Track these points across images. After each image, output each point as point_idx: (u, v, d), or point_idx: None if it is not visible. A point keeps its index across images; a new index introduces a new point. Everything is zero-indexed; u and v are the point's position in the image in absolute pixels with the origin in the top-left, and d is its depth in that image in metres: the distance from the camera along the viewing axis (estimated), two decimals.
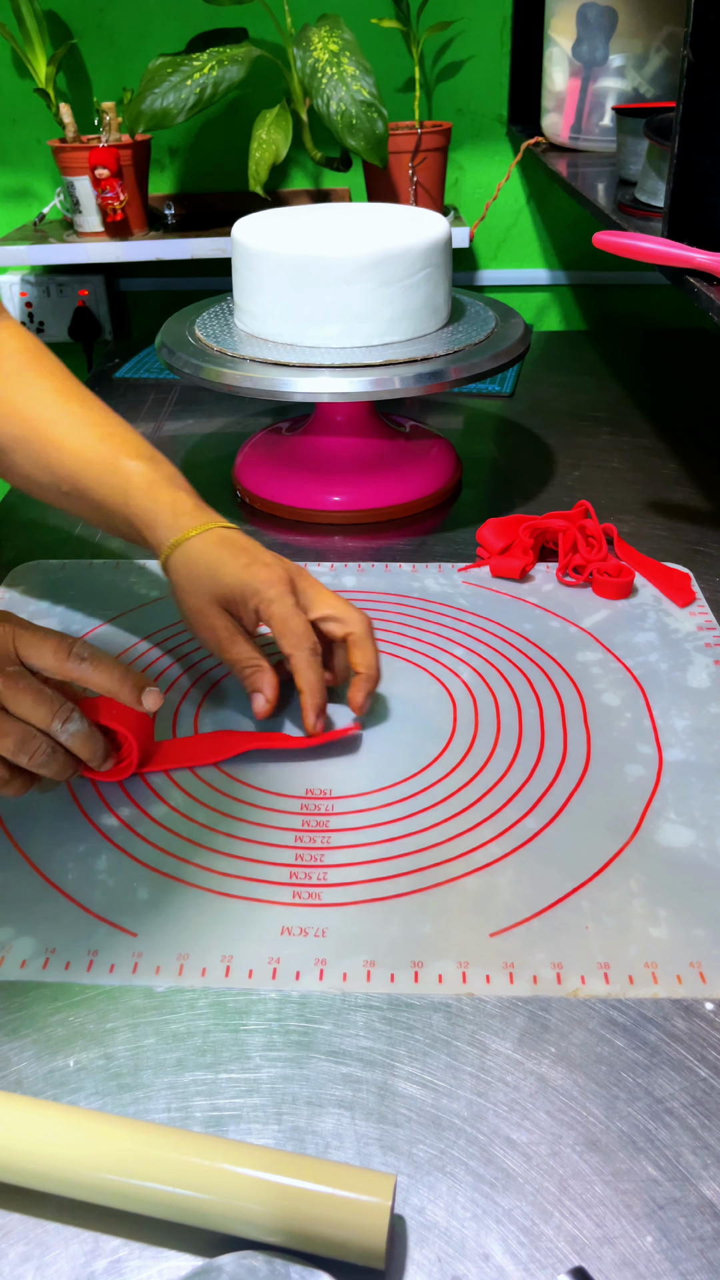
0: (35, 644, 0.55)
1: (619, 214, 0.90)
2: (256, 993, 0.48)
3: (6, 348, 0.71)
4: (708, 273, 0.68)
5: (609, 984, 0.48)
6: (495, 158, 1.36)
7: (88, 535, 0.88)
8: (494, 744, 0.63)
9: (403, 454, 0.91)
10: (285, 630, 0.61)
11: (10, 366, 0.71)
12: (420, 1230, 0.39)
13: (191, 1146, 0.39)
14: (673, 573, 0.78)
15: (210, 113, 1.22)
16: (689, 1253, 0.38)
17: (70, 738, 0.55)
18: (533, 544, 0.81)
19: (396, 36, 1.27)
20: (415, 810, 0.58)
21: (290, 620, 0.61)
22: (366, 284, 0.80)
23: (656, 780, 0.60)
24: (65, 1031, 0.46)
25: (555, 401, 1.14)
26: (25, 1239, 0.39)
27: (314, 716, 0.61)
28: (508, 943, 0.50)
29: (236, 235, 0.84)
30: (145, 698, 0.57)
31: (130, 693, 0.56)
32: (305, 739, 0.62)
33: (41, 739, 0.54)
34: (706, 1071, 0.44)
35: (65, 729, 0.54)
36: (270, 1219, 0.37)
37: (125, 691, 0.56)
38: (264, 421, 1.08)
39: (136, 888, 0.54)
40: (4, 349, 0.71)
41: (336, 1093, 0.44)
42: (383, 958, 0.49)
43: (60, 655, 0.55)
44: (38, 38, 1.20)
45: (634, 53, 1.08)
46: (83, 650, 0.55)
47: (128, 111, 1.16)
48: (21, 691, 0.53)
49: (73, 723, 0.55)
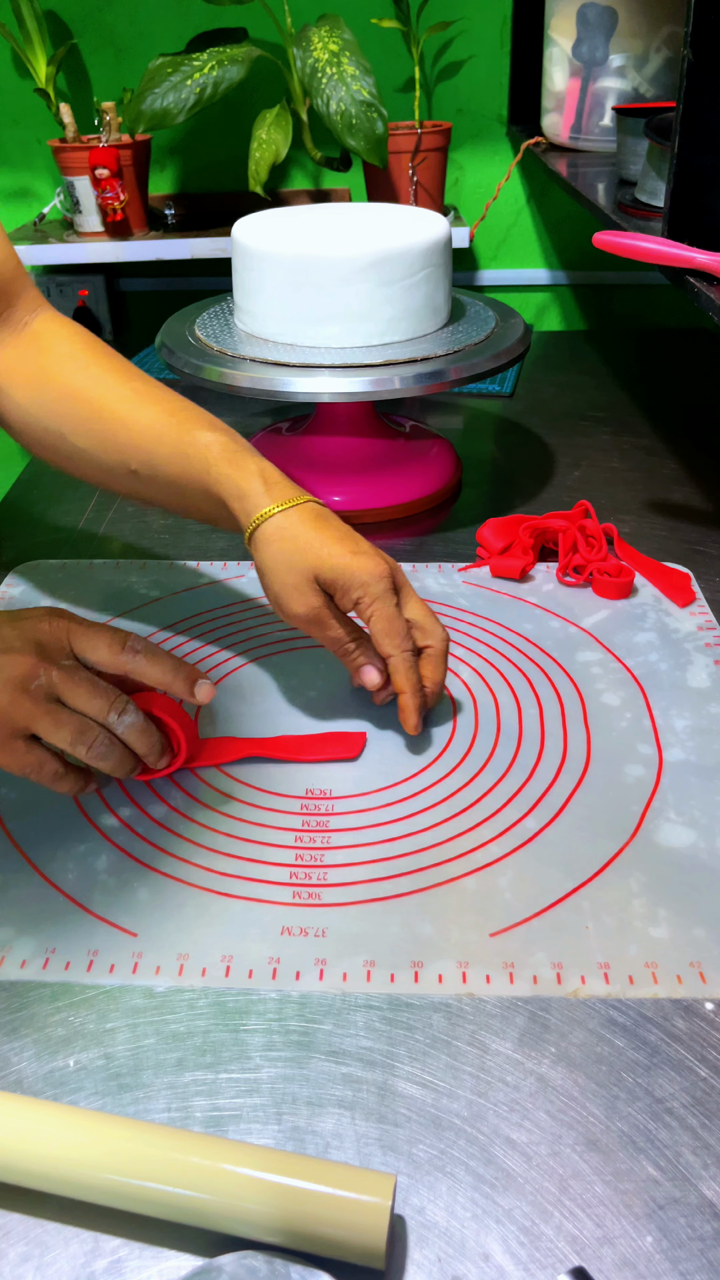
0: (90, 638, 0.55)
1: (619, 214, 0.90)
2: (256, 993, 0.48)
3: (59, 334, 0.70)
4: (708, 273, 0.68)
5: (609, 984, 0.48)
6: (495, 158, 1.36)
7: (88, 535, 0.88)
8: (494, 744, 0.63)
9: (403, 454, 0.91)
10: (390, 630, 0.61)
11: (65, 350, 0.69)
12: (420, 1230, 0.39)
13: (192, 1146, 0.39)
14: (673, 573, 0.78)
15: (210, 113, 1.22)
16: (689, 1253, 0.38)
17: (126, 729, 0.55)
18: (533, 544, 0.81)
19: (396, 36, 1.27)
20: (415, 810, 0.58)
21: (394, 621, 0.61)
22: (366, 284, 0.80)
23: (656, 780, 0.60)
24: (65, 1031, 0.46)
25: (555, 401, 1.14)
26: (25, 1239, 0.39)
27: (416, 718, 0.61)
28: (508, 943, 0.50)
29: (236, 235, 0.84)
30: (198, 690, 0.57)
31: (183, 685, 0.56)
32: (309, 745, 0.62)
33: (99, 730, 0.54)
34: (706, 1071, 0.44)
35: (121, 720, 0.55)
36: (270, 1219, 0.37)
37: (178, 684, 0.56)
38: (264, 421, 1.08)
39: (136, 888, 0.54)
40: (57, 335, 0.70)
41: (336, 1093, 0.44)
42: (383, 958, 0.49)
43: (114, 648, 0.55)
44: (38, 38, 1.20)
45: (634, 53, 1.08)
46: (136, 644, 0.56)
47: (128, 111, 1.16)
48: (78, 684, 0.53)
49: (128, 715, 0.55)
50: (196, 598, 0.78)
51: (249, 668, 0.70)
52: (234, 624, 0.75)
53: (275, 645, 0.72)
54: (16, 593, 0.79)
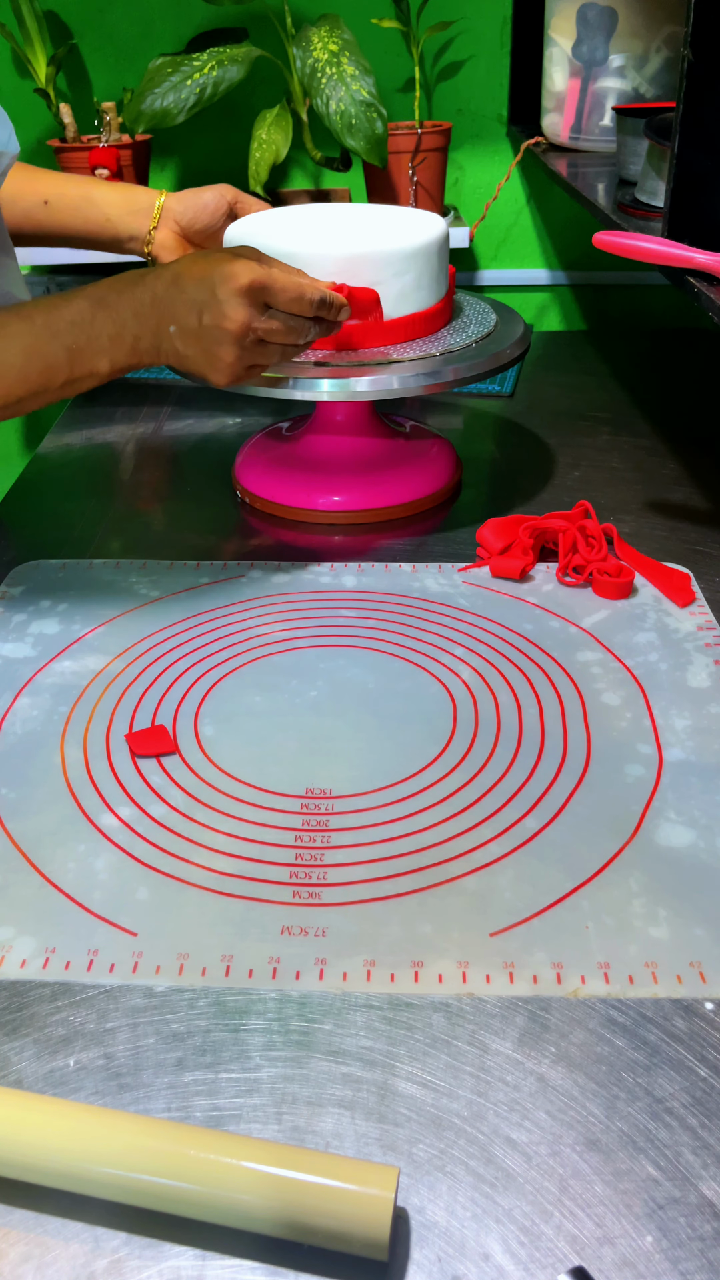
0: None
1: (619, 214, 0.90)
2: (256, 992, 0.48)
3: None
4: (708, 273, 0.68)
5: (609, 984, 0.48)
6: (495, 158, 1.36)
7: (88, 535, 0.88)
8: (494, 744, 0.63)
9: (403, 454, 0.91)
10: None
11: None
12: (420, 1230, 0.39)
13: (194, 1140, 0.39)
14: (673, 573, 0.78)
15: (210, 113, 1.22)
16: (689, 1253, 0.38)
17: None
18: (533, 544, 0.81)
19: (396, 36, 1.27)
20: (415, 810, 0.58)
21: None
22: (366, 284, 0.79)
23: (656, 780, 0.60)
24: (65, 1031, 0.46)
25: (555, 401, 1.14)
26: (25, 1239, 0.39)
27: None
28: (508, 942, 0.50)
29: (235, 235, 0.84)
30: None
31: None
32: None
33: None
34: (706, 1071, 0.44)
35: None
36: (273, 1212, 0.37)
37: None
38: (264, 421, 1.08)
39: (136, 888, 0.54)
40: None
41: (336, 1092, 0.44)
42: (383, 957, 0.49)
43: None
44: (38, 38, 1.20)
45: (634, 53, 1.08)
46: None
47: (128, 111, 1.16)
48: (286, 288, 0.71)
49: None
50: (196, 598, 0.78)
51: (249, 668, 0.70)
52: (234, 624, 0.75)
53: (275, 645, 0.72)
54: (17, 593, 0.79)
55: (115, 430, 1.10)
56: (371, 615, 0.75)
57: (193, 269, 0.69)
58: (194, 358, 0.71)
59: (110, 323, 0.68)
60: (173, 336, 0.70)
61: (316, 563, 0.82)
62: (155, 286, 0.69)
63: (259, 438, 0.97)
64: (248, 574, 0.81)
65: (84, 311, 0.68)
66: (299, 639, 0.73)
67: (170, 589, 0.79)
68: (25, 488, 0.98)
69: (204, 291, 0.68)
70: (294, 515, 0.89)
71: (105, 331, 0.68)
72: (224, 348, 0.70)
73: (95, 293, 0.69)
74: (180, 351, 0.71)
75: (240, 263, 0.69)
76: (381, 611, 0.76)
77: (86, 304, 0.68)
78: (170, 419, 1.12)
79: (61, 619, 0.76)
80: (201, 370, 0.72)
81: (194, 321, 0.69)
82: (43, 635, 0.74)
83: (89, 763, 0.62)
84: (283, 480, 0.90)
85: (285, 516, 0.89)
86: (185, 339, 0.70)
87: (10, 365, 0.66)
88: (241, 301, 0.68)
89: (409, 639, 0.73)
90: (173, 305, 0.69)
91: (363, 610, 0.76)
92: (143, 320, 0.69)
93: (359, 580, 0.80)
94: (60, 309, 0.68)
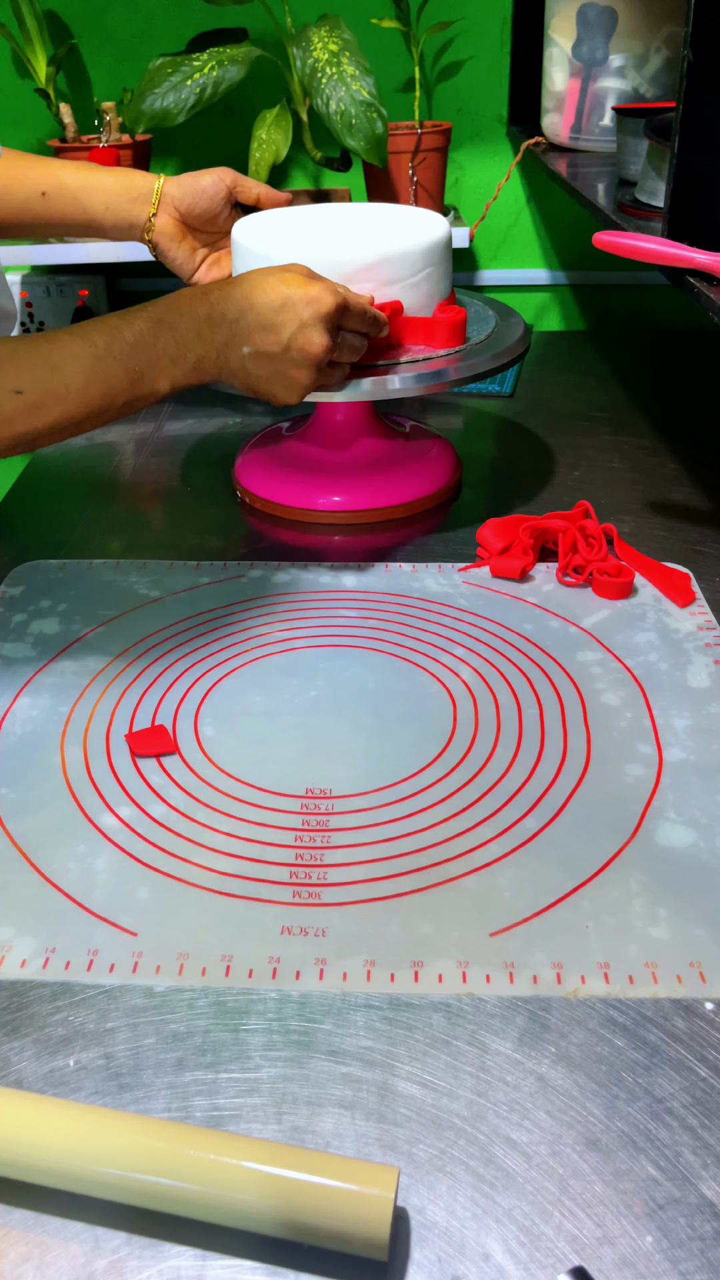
0: None
1: (619, 214, 0.90)
2: (256, 992, 0.48)
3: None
4: (708, 273, 0.68)
5: (609, 984, 0.48)
6: (495, 158, 1.36)
7: (88, 535, 0.88)
8: (494, 744, 0.63)
9: (403, 454, 0.91)
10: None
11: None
12: (420, 1230, 0.39)
13: (195, 1139, 0.39)
14: (673, 573, 0.78)
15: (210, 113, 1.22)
16: (689, 1252, 0.38)
17: None
18: (533, 544, 0.81)
19: (396, 36, 1.27)
20: (415, 810, 0.58)
21: None
22: (366, 284, 0.79)
23: (656, 780, 0.60)
24: (65, 1031, 0.46)
25: (555, 401, 1.14)
26: (25, 1239, 0.39)
27: None
28: (508, 942, 0.50)
29: (236, 235, 0.84)
30: None
31: None
32: None
33: None
34: (706, 1071, 0.44)
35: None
36: (274, 1212, 0.37)
37: None
38: (264, 421, 1.08)
39: (136, 888, 0.54)
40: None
41: (336, 1092, 0.44)
42: (383, 957, 0.49)
43: None
44: (38, 38, 1.20)
45: (634, 53, 1.08)
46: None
47: (128, 111, 1.16)
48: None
49: None
50: (196, 598, 0.78)
51: (249, 668, 0.70)
52: (234, 624, 0.75)
53: (275, 645, 0.72)
54: (16, 593, 0.79)
55: (115, 430, 1.10)
56: (371, 615, 0.75)
57: (266, 294, 0.70)
58: (266, 378, 0.72)
59: (172, 343, 0.68)
60: (245, 358, 0.70)
61: (316, 563, 0.82)
62: (222, 307, 0.69)
63: (259, 438, 0.97)
64: (248, 574, 0.81)
65: (145, 333, 0.67)
66: (299, 639, 0.73)
67: (170, 589, 0.79)
68: (25, 488, 0.98)
69: (287, 316, 0.69)
70: (294, 515, 0.89)
71: (167, 352, 0.68)
72: (302, 370, 0.71)
73: (156, 313, 0.68)
74: (251, 372, 0.71)
75: (319, 287, 0.71)
76: (381, 611, 0.76)
77: (148, 325, 0.67)
78: (170, 419, 1.12)
79: (61, 619, 0.76)
80: (271, 390, 0.73)
81: (274, 346, 0.70)
82: (43, 635, 0.74)
83: (89, 763, 0.62)
84: (283, 480, 0.90)
85: (285, 516, 0.89)
86: (259, 361, 0.70)
87: (71, 388, 0.65)
88: (325, 327, 0.70)
89: (409, 639, 0.73)
90: (248, 328, 0.69)
91: (363, 610, 0.76)
92: (205, 341, 0.69)
93: (359, 580, 0.80)
94: (122, 330, 0.67)
